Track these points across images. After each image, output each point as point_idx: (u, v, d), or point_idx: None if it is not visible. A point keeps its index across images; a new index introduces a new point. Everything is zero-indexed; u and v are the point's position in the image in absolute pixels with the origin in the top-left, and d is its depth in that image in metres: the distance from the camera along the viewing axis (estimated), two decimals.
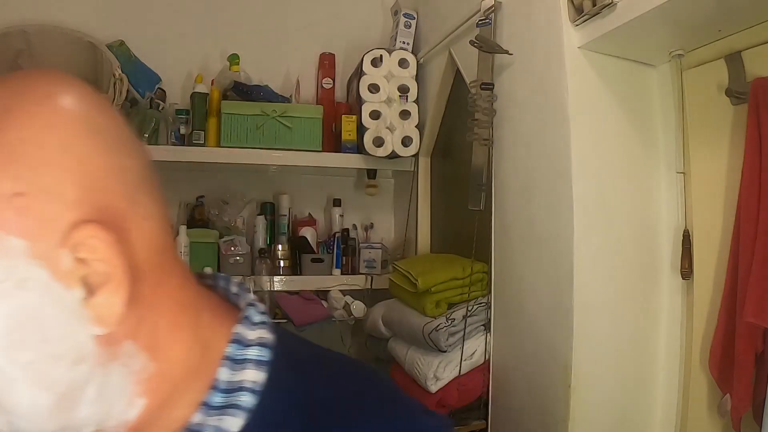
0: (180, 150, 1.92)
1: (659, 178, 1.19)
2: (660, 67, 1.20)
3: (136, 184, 0.45)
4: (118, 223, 0.41)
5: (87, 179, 0.39)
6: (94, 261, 0.39)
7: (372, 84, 1.90)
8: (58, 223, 0.38)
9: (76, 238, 0.38)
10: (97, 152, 0.41)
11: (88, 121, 0.41)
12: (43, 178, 0.38)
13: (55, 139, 0.39)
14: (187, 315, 0.46)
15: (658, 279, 1.18)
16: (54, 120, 0.39)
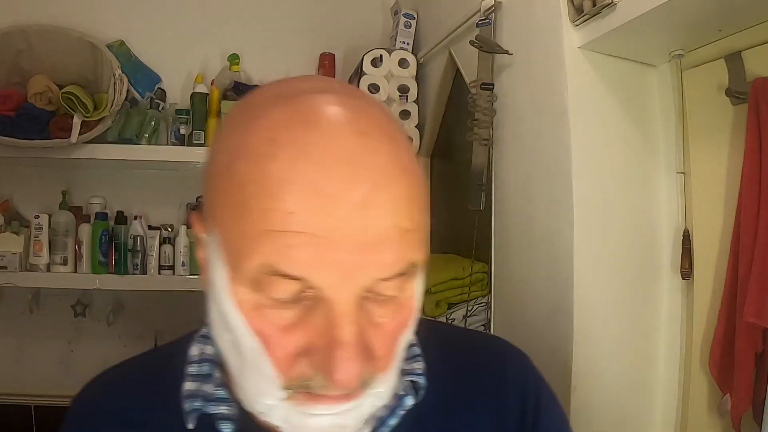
0: (180, 150, 1.92)
1: (659, 178, 1.19)
2: (660, 67, 1.20)
3: None
4: None
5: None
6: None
7: (372, 84, 1.90)
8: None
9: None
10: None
11: None
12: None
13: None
14: None
15: (658, 279, 1.18)
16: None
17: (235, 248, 0.41)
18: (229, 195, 0.42)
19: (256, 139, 0.41)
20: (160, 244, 1.93)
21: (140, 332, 2.09)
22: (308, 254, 0.39)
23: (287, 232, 0.39)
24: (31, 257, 1.85)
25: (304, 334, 0.42)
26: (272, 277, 0.40)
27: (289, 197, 0.39)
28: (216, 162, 0.45)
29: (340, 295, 0.40)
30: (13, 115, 1.74)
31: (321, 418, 0.43)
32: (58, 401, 2.01)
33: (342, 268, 0.39)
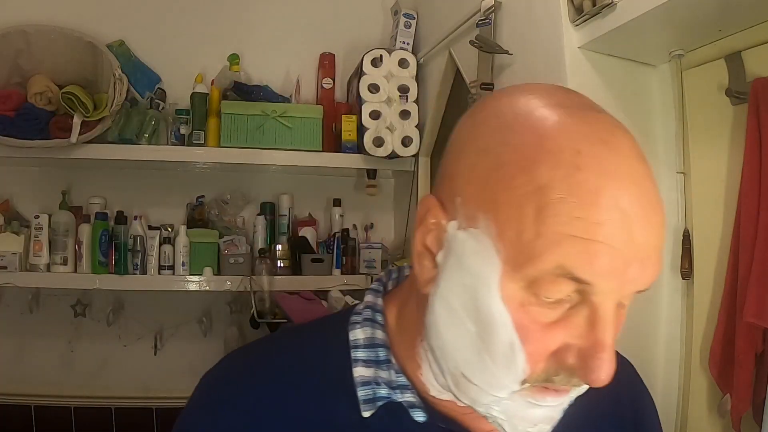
0: (180, 150, 1.92)
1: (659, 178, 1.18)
2: (660, 67, 1.20)
3: None
4: None
5: None
6: None
7: (372, 84, 1.90)
8: None
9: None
10: None
11: None
12: None
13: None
14: None
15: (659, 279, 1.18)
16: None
17: (522, 246, 0.43)
18: (520, 195, 0.43)
19: (559, 147, 0.43)
20: (160, 244, 1.93)
21: (140, 332, 2.09)
22: (605, 263, 0.42)
23: (592, 240, 0.41)
24: (31, 257, 1.85)
25: (563, 333, 0.45)
26: (558, 278, 0.42)
27: (597, 209, 0.42)
28: (485, 157, 0.46)
29: (609, 301, 0.44)
30: (13, 115, 1.74)
31: (542, 409, 0.47)
32: (58, 401, 2.01)
33: (624, 278, 0.43)
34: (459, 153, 0.49)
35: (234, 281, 1.93)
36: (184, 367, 2.12)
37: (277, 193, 2.15)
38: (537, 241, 0.42)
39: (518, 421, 0.47)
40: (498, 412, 0.47)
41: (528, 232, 0.42)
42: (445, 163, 0.52)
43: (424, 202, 0.50)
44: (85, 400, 2.03)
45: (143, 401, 2.07)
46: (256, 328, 1.99)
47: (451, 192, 0.48)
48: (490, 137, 0.47)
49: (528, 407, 0.46)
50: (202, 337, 2.12)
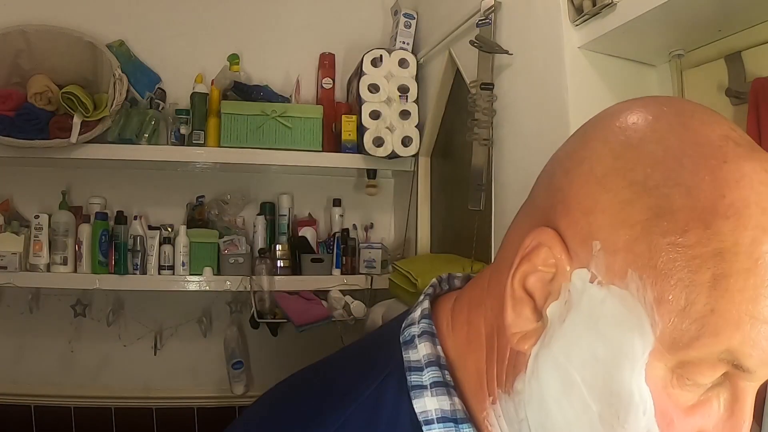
0: (180, 150, 1.92)
1: None
2: (660, 67, 1.20)
3: None
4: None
5: None
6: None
7: (372, 84, 1.90)
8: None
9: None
10: None
11: None
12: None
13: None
14: None
15: None
16: None
17: (689, 322, 0.35)
18: (693, 255, 0.34)
19: (744, 202, 0.35)
20: (160, 244, 1.93)
21: (140, 332, 2.09)
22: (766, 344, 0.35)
23: (765, 323, 0.34)
24: (31, 257, 1.85)
25: (702, 419, 0.38)
26: (719, 363, 0.35)
27: (758, 279, 0.34)
28: (646, 196, 0.36)
29: (754, 387, 0.38)
30: (13, 115, 1.74)
31: None
32: (58, 401, 2.01)
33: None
34: (597, 180, 0.38)
35: (234, 281, 1.93)
36: (184, 367, 2.13)
37: (277, 193, 2.15)
38: (710, 318, 0.34)
39: None
40: None
41: (699, 305, 0.34)
42: (563, 185, 0.40)
43: (536, 235, 0.40)
44: (85, 400, 2.03)
45: (143, 401, 2.07)
46: (256, 328, 1.99)
47: (585, 231, 0.38)
48: (653, 170, 0.37)
49: None
50: (202, 337, 2.12)
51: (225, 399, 2.10)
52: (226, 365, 2.08)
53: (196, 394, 2.12)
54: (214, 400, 2.12)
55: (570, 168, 0.40)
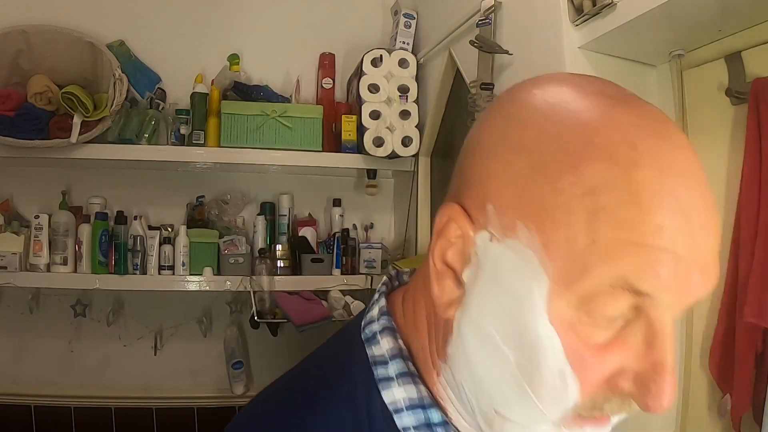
0: (180, 150, 1.92)
1: None
2: (660, 67, 1.20)
3: None
4: None
5: None
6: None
7: (372, 84, 1.90)
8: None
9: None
10: None
11: None
12: None
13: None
14: None
15: None
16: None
17: (574, 257, 0.37)
18: (569, 198, 0.37)
19: (611, 142, 0.38)
20: (160, 244, 1.92)
21: (140, 332, 2.09)
22: (669, 272, 0.37)
23: (655, 247, 0.36)
24: (31, 257, 1.85)
25: (619, 356, 0.39)
26: (617, 292, 0.37)
27: (660, 211, 0.36)
28: (523, 156, 0.40)
29: (669, 317, 0.39)
30: (13, 115, 1.74)
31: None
32: (58, 401, 2.01)
33: (686, 289, 0.38)
34: (487, 153, 0.42)
35: (234, 281, 1.93)
36: (184, 367, 2.13)
37: (277, 193, 2.15)
38: (592, 250, 0.37)
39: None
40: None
41: (581, 241, 0.37)
42: (465, 166, 0.44)
43: (444, 212, 0.43)
44: (85, 400, 2.03)
45: (143, 401, 2.07)
46: (256, 328, 1.99)
47: (480, 198, 0.41)
48: (526, 132, 0.40)
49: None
50: (202, 337, 2.12)
51: (225, 399, 2.10)
52: (226, 365, 2.08)
53: (196, 394, 2.12)
54: (214, 400, 2.12)
55: (469, 150, 0.45)
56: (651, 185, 0.37)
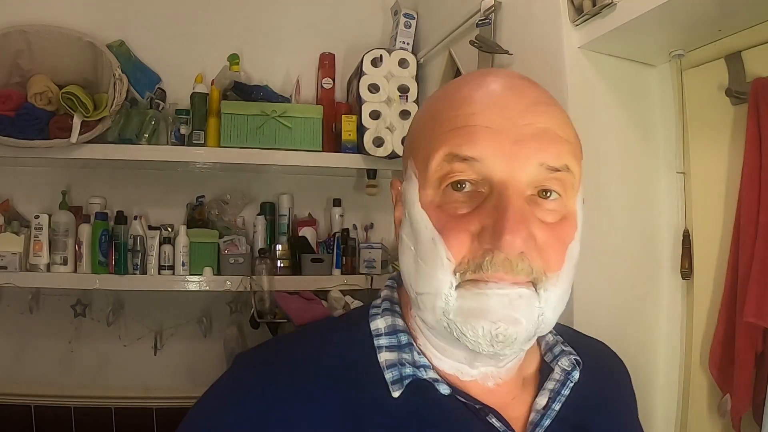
0: (180, 150, 1.92)
1: (659, 178, 1.19)
2: (660, 67, 1.20)
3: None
4: None
5: None
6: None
7: (372, 84, 1.90)
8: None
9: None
10: None
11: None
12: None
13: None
14: None
15: (658, 279, 1.18)
16: None
17: (425, 155, 0.54)
18: (425, 124, 0.57)
19: (449, 88, 0.58)
20: (160, 244, 1.92)
21: (140, 332, 2.09)
22: (484, 139, 0.51)
23: (468, 125, 0.51)
24: (31, 257, 1.85)
25: (476, 219, 0.51)
26: (453, 163, 0.52)
27: (471, 104, 0.53)
28: (414, 122, 0.61)
29: (509, 178, 0.51)
30: (13, 115, 1.74)
31: (493, 300, 0.50)
32: (58, 401, 2.01)
33: (509, 151, 0.50)
34: (412, 125, 0.62)
35: (234, 281, 1.93)
36: (184, 367, 2.12)
37: (277, 193, 2.15)
38: (433, 142, 0.53)
39: (475, 320, 0.50)
40: (454, 315, 0.51)
41: (426, 144, 0.54)
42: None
43: (393, 183, 0.63)
44: (85, 400, 2.03)
45: (143, 401, 2.07)
46: (256, 328, 1.99)
47: (406, 156, 0.60)
48: (426, 102, 0.62)
49: (478, 300, 0.50)
50: (202, 337, 2.12)
51: None
52: (226, 365, 2.08)
53: (196, 394, 2.08)
54: None
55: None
56: (466, 94, 0.55)
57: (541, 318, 0.52)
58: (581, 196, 0.56)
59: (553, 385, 0.59)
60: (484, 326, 0.50)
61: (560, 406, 0.57)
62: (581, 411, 0.59)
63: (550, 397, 0.58)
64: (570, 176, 0.53)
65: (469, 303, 0.50)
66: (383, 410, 0.53)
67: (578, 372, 0.59)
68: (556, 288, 0.52)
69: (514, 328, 0.50)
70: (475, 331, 0.50)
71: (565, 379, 0.59)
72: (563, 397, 0.58)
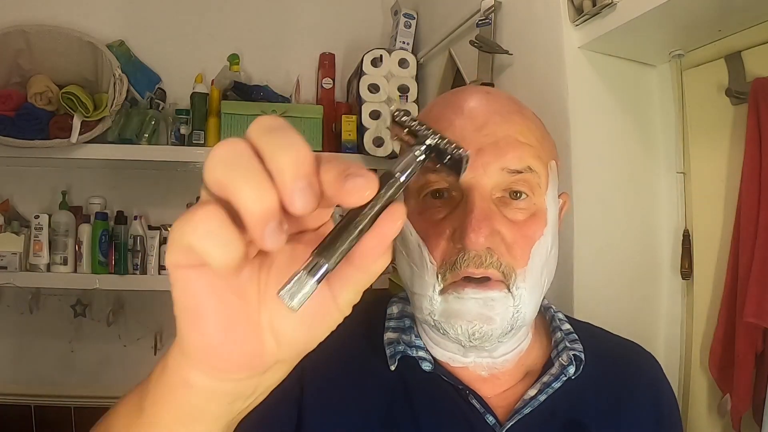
0: (180, 150, 1.92)
1: (659, 178, 1.19)
2: (660, 67, 1.20)
3: None
4: None
5: None
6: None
7: (372, 84, 1.90)
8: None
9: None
10: None
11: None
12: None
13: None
14: None
15: (658, 279, 1.18)
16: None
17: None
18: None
19: (426, 108, 0.66)
20: (160, 244, 1.92)
21: (140, 332, 2.09)
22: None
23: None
24: (31, 257, 1.85)
25: (449, 223, 0.57)
26: (428, 174, 0.57)
27: (440, 120, 0.60)
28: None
29: (474, 183, 0.56)
30: (13, 115, 1.74)
31: (469, 303, 0.56)
32: (58, 401, 2.01)
33: (474, 161, 0.56)
34: None
35: None
36: None
37: None
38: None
39: (454, 320, 0.57)
40: (438, 315, 0.58)
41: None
42: None
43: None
44: (85, 400, 2.03)
45: None
46: None
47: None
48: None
49: (456, 303, 0.57)
50: None
51: None
52: None
53: None
54: None
55: None
56: (439, 112, 0.62)
57: (517, 315, 0.58)
58: (554, 192, 0.62)
59: (547, 378, 0.63)
60: (462, 325, 0.57)
61: (545, 397, 0.61)
62: (583, 409, 0.62)
63: (539, 389, 0.62)
64: (534, 176, 0.59)
65: (450, 305, 0.57)
66: (380, 378, 0.62)
67: (574, 368, 0.62)
68: (525, 284, 0.58)
69: (489, 326, 0.57)
70: (455, 330, 0.57)
71: (559, 373, 0.62)
72: (551, 389, 0.61)
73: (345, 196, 0.29)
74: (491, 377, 0.63)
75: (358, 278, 0.33)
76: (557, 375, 0.62)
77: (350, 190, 0.29)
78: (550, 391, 0.61)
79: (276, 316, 0.33)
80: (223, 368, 0.33)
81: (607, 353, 0.68)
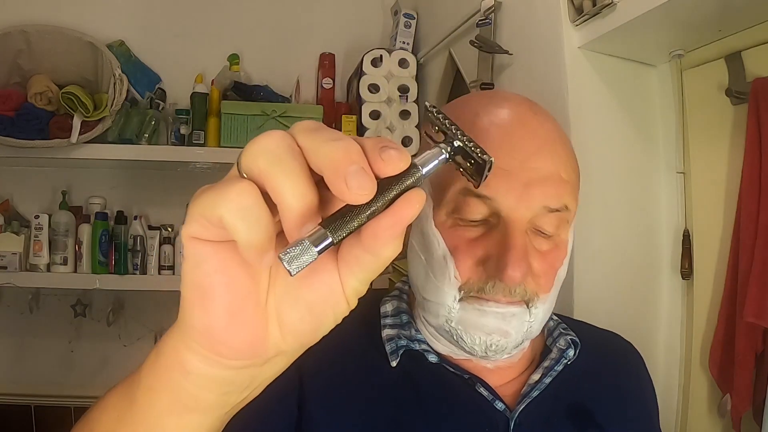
0: (180, 150, 1.92)
1: (659, 178, 1.19)
2: (660, 67, 1.20)
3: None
4: None
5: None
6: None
7: (372, 84, 1.90)
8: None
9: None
10: None
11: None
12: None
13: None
14: None
15: (658, 279, 1.18)
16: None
17: (441, 182, 0.58)
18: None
19: (464, 113, 0.60)
20: (160, 244, 1.93)
21: (140, 332, 2.09)
22: (497, 180, 0.55)
23: None
24: (31, 257, 1.85)
25: (484, 247, 0.57)
26: (468, 198, 0.56)
27: (486, 141, 0.56)
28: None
29: (515, 216, 0.56)
30: (13, 115, 1.74)
31: (490, 317, 0.57)
32: (58, 401, 2.01)
33: (518, 193, 0.55)
34: None
35: None
36: None
37: None
38: (448, 175, 0.57)
39: (473, 330, 0.57)
40: (455, 323, 0.58)
41: (442, 173, 0.54)
42: None
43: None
44: (85, 400, 2.02)
45: None
46: None
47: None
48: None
49: (477, 315, 0.57)
50: None
51: None
52: None
53: None
54: None
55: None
56: (484, 128, 0.58)
57: (529, 330, 0.59)
58: (573, 224, 0.63)
59: (548, 363, 0.65)
60: (481, 337, 0.57)
61: (551, 380, 0.63)
62: (585, 393, 0.65)
63: (543, 374, 0.63)
64: (568, 214, 0.59)
65: (470, 315, 0.57)
66: (382, 374, 0.62)
67: (573, 350, 0.65)
68: (544, 305, 0.59)
69: (505, 339, 0.57)
70: (472, 339, 0.58)
71: (559, 357, 0.64)
72: (555, 372, 0.63)
73: (382, 165, 0.30)
74: (496, 369, 0.64)
75: (367, 262, 0.32)
76: (557, 359, 0.64)
77: (387, 160, 0.30)
78: (554, 374, 0.63)
79: (284, 304, 0.33)
80: (224, 353, 0.33)
81: (593, 342, 0.70)
